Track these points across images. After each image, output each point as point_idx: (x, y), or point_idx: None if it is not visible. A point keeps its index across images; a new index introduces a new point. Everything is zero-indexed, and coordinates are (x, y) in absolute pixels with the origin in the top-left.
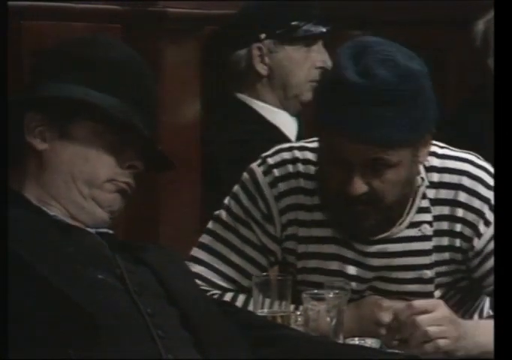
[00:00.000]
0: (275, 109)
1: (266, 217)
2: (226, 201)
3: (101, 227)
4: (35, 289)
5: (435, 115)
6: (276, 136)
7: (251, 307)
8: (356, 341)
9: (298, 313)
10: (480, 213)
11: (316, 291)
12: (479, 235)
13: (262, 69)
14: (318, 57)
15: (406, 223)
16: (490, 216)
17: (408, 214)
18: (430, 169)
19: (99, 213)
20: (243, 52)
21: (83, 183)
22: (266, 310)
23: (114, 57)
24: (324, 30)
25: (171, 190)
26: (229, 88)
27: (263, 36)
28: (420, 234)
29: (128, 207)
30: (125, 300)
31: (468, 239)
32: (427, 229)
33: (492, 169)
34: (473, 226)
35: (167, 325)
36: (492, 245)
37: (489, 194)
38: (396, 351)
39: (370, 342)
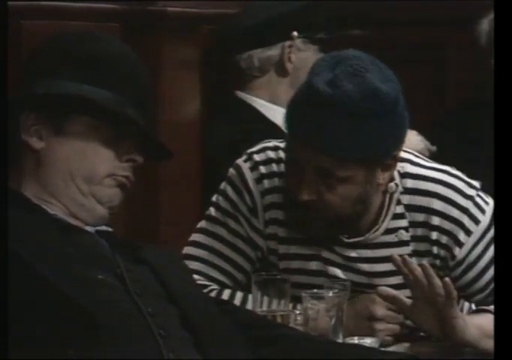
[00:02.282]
0: (276, 107)
1: (252, 211)
2: (214, 198)
3: (101, 224)
4: (35, 289)
5: (398, 142)
6: (277, 134)
7: (249, 306)
8: (355, 341)
9: (297, 312)
10: (457, 222)
11: (316, 290)
12: (459, 244)
13: (289, 67)
14: None
15: (382, 229)
16: (471, 225)
17: (383, 221)
18: (404, 175)
19: (99, 209)
20: (272, 50)
21: (82, 180)
22: (265, 309)
23: (106, 51)
24: (333, 35)
25: (171, 190)
26: (229, 86)
27: (295, 34)
28: (396, 240)
29: (127, 207)
30: (125, 300)
31: (446, 247)
32: (403, 235)
33: (465, 177)
34: (451, 235)
35: (168, 325)
36: (475, 254)
37: (467, 204)
38: (396, 351)
39: (369, 341)
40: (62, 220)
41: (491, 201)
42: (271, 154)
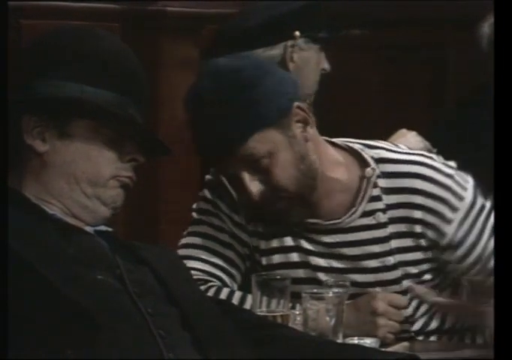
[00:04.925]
0: None
1: (233, 209)
2: (195, 205)
3: (101, 224)
4: (35, 289)
5: (289, 96)
6: None
7: (247, 305)
8: (355, 341)
9: (297, 312)
10: (442, 200)
11: (315, 290)
12: (448, 221)
13: (291, 67)
14: (322, 59)
15: (359, 212)
16: (456, 202)
17: (360, 203)
18: (380, 160)
19: (102, 211)
20: (274, 50)
21: (87, 183)
22: (265, 309)
23: (106, 50)
24: (335, 35)
25: (171, 190)
26: None
27: (297, 33)
28: (374, 222)
29: (127, 207)
30: (125, 300)
31: (433, 227)
32: (381, 217)
33: (441, 159)
34: (437, 213)
35: (168, 325)
36: (463, 230)
37: (448, 181)
38: (396, 351)
39: (369, 341)
40: (61, 220)
41: (470, 179)
42: None
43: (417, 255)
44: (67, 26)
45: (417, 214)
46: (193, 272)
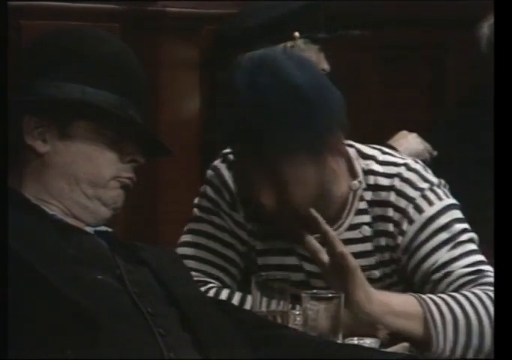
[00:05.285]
0: None
1: (233, 208)
2: (196, 200)
3: (101, 225)
4: (34, 289)
5: (334, 125)
6: None
7: (247, 306)
8: (355, 341)
9: (297, 312)
10: (404, 212)
11: (315, 290)
12: (402, 233)
13: None
14: (322, 60)
15: (346, 225)
16: (414, 215)
17: (347, 216)
18: (368, 172)
19: (103, 211)
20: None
21: (88, 184)
22: (265, 310)
23: (106, 51)
24: (334, 35)
25: (171, 190)
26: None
27: (296, 34)
28: (360, 236)
29: (127, 207)
30: (125, 300)
31: (393, 237)
32: (367, 230)
33: (424, 172)
34: (398, 225)
35: (168, 325)
36: (416, 243)
37: (415, 194)
38: (396, 351)
39: (369, 342)
40: (61, 221)
41: (449, 200)
42: None
43: (393, 267)
44: (67, 26)
45: (390, 227)
46: (193, 273)
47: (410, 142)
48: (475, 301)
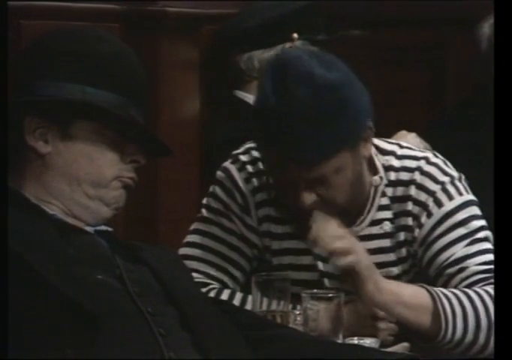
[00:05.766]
0: None
1: (244, 210)
2: (204, 200)
3: (101, 224)
4: (35, 289)
5: (367, 115)
6: None
7: (248, 306)
8: (355, 341)
9: (297, 312)
10: (424, 205)
11: (315, 290)
12: (420, 225)
13: None
14: None
15: (368, 221)
16: (434, 208)
17: (368, 212)
18: (388, 168)
19: (104, 211)
20: (273, 52)
21: (89, 184)
22: (265, 310)
23: (106, 51)
24: (332, 37)
25: (171, 190)
26: (229, 86)
27: (295, 36)
28: (381, 231)
29: (127, 207)
30: (125, 300)
31: (412, 230)
32: (388, 226)
33: (444, 166)
34: (417, 218)
35: (168, 324)
36: (433, 236)
37: (436, 188)
38: (396, 351)
39: (369, 342)
40: (61, 221)
41: (469, 196)
42: (256, 153)
43: (410, 262)
44: (67, 26)
45: (409, 221)
46: (196, 275)
47: (409, 141)
48: (486, 298)
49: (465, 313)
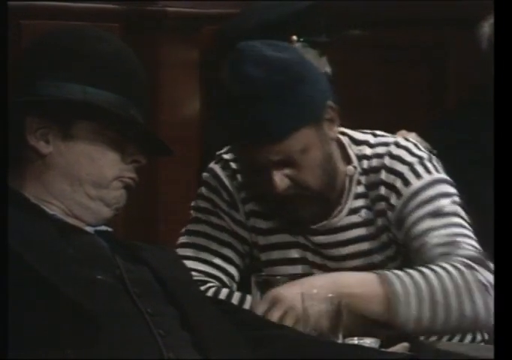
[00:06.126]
0: None
1: (232, 206)
2: (193, 202)
3: (101, 224)
4: (34, 289)
5: (327, 95)
6: None
7: (247, 306)
8: (355, 341)
9: None
10: (393, 187)
11: (315, 290)
12: (392, 208)
13: None
14: (323, 63)
15: (346, 210)
16: (402, 189)
17: (346, 202)
18: (362, 157)
19: (105, 212)
20: None
21: (91, 185)
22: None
23: (106, 51)
24: (335, 38)
25: (171, 190)
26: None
27: (294, 38)
28: (360, 219)
29: (127, 207)
30: (125, 300)
31: (385, 214)
32: (366, 214)
33: (414, 148)
34: (388, 201)
35: (167, 325)
36: (403, 215)
37: (404, 168)
38: (396, 351)
39: (369, 342)
40: (61, 221)
41: (438, 175)
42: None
43: (393, 249)
44: (67, 26)
45: (383, 205)
46: (192, 273)
47: None
48: (442, 273)
49: (419, 290)
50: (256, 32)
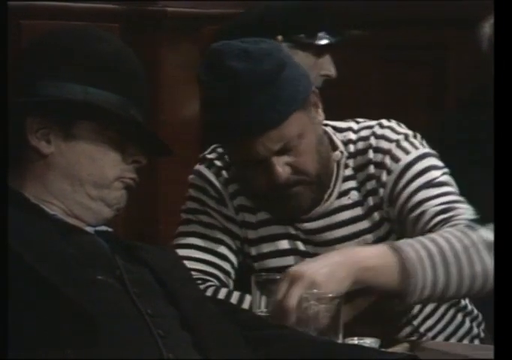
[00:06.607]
0: None
1: (221, 202)
2: (183, 206)
3: (101, 225)
4: (34, 289)
5: (309, 79)
6: None
7: (246, 305)
8: (355, 341)
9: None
10: (382, 165)
11: (315, 290)
12: (383, 185)
13: None
14: (324, 65)
15: (335, 193)
16: (392, 165)
17: (335, 185)
18: (347, 142)
19: (106, 212)
20: None
21: (92, 185)
22: (265, 310)
23: (107, 51)
24: (336, 40)
25: (170, 190)
26: None
27: (280, 38)
28: (350, 201)
29: (127, 207)
30: (125, 300)
31: (376, 192)
32: (356, 195)
33: (397, 127)
34: (379, 179)
35: (167, 325)
36: (396, 191)
37: (391, 146)
38: (396, 351)
39: (369, 342)
40: (62, 221)
41: (425, 149)
42: (221, 150)
43: (386, 227)
44: (67, 26)
45: (373, 183)
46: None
47: None
48: (449, 236)
49: (430, 253)
50: (256, 32)
